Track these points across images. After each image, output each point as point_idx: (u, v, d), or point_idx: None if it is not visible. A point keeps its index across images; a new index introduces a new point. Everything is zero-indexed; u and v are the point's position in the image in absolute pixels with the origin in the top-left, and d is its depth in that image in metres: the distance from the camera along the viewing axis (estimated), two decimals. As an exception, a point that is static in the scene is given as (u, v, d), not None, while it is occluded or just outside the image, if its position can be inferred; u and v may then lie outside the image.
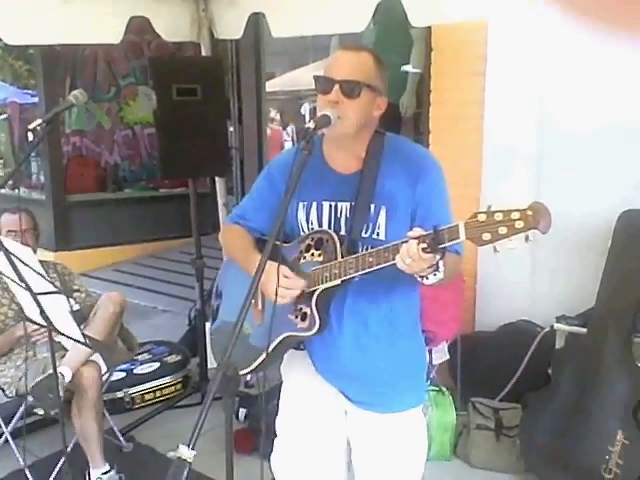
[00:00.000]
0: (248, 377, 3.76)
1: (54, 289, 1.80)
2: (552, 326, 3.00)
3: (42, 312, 1.78)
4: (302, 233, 1.76)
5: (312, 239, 1.70)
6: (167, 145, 3.24)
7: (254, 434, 3.13)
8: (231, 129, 5.60)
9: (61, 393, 2.40)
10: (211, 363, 3.74)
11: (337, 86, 1.60)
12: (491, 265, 3.26)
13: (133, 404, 3.58)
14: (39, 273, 1.76)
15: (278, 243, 1.70)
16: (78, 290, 3.05)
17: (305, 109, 12.49)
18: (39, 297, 1.77)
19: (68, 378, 2.57)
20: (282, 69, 7.85)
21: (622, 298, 2.75)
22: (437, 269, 1.46)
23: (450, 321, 3.26)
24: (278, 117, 9.91)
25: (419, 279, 1.50)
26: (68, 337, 1.95)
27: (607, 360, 2.70)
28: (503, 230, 1.30)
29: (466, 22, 2.91)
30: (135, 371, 3.64)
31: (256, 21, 3.43)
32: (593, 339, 2.78)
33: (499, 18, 2.88)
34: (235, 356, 1.85)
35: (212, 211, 4.02)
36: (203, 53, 3.50)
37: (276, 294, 1.57)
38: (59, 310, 1.84)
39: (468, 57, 3.30)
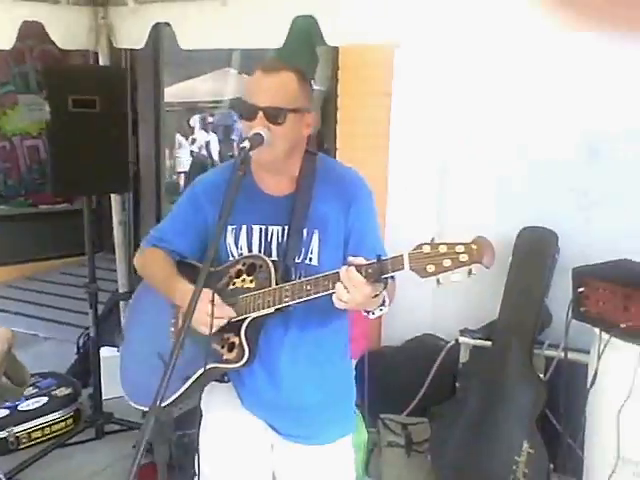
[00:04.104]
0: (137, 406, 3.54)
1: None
2: (457, 339, 3.08)
3: None
4: (231, 258, 1.68)
5: (243, 264, 1.64)
6: (61, 160, 3.00)
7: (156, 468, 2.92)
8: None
9: None
10: (106, 394, 3.48)
11: (261, 113, 1.55)
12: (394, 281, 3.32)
13: (19, 444, 3.26)
14: None
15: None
16: None
17: (195, 121, 12.27)
18: None
19: None
20: (173, 79, 7.60)
21: (523, 312, 2.89)
22: (383, 304, 1.46)
23: (359, 338, 3.26)
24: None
25: (365, 314, 1.50)
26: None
27: (511, 372, 2.82)
28: (447, 263, 1.31)
29: (374, 44, 2.95)
30: (20, 407, 3.32)
31: (155, 30, 3.28)
32: (497, 352, 2.89)
33: (407, 40, 2.96)
34: (148, 388, 1.75)
35: (99, 229, 3.78)
36: (101, 62, 3.29)
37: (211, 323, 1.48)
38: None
39: (375, 77, 3.36)
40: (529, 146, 3.08)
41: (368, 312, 1.50)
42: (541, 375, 2.85)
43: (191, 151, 11.29)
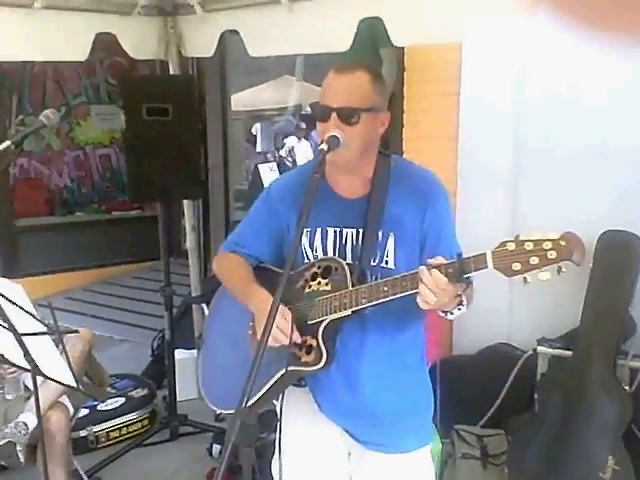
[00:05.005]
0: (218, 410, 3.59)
1: (44, 329, 1.62)
2: (535, 349, 2.97)
3: (26, 354, 1.59)
4: (306, 260, 1.68)
5: (319, 267, 1.63)
6: (137, 167, 3.09)
7: (232, 472, 2.95)
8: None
9: (20, 451, 2.21)
10: (180, 395, 3.55)
11: (334, 114, 1.54)
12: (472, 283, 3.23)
13: (98, 443, 3.36)
14: (29, 313, 1.58)
15: (280, 271, 1.63)
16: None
17: (256, 129, 12.33)
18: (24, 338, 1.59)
19: (32, 426, 2.37)
20: (235, 88, 7.71)
21: (606, 320, 2.74)
22: (461, 303, 1.43)
23: (431, 345, 3.19)
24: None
25: (442, 314, 1.46)
26: (59, 382, 1.77)
27: (594, 383, 2.68)
28: (534, 260, 1.26)
29: (441, 43, 2.90)
30: (99, 408, 3.42)
31: (221, 39, 3.34)
32: (579, 362, 2.75)
33: (474, 39, 2.89)
34: (226, 391, 1.76)
35: (169, 234, 3.85)
36: (171, 71, 3.38)
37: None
38: (46, 351, 1.66)
39: (442, 78, 3.28)
40: (607, 146, 2.94)
41: (446, 312, 1.46)
42: (626, 387, 2.70)
43: (280, 156, 11.37)
